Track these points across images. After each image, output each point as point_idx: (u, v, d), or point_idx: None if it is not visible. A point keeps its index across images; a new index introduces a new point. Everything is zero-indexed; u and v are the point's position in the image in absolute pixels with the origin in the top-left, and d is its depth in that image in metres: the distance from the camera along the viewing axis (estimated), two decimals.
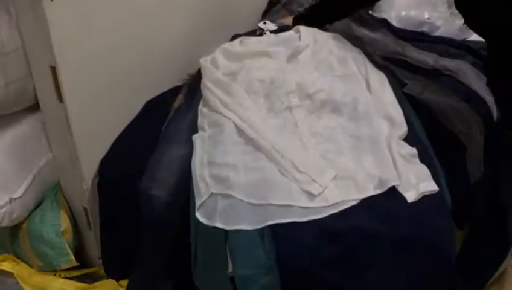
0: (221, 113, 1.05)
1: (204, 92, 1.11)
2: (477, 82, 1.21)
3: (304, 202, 0.88)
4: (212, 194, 0.90)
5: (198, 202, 0.90)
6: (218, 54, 1.18)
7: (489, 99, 1.12)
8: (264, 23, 1.34)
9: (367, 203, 0.87)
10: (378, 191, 0.89)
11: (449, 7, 1.68)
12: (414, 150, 0.97)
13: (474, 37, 1.53)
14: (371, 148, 0.97)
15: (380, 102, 1.06)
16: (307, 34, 1.19)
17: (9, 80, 0.99)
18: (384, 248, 0.85)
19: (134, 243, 1.06)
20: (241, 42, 1.21)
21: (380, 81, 1.11)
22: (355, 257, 0.84)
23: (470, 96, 1.22)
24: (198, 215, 0.89)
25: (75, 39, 0.96)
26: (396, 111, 1.05)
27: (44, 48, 0.94)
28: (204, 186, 0.92)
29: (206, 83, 1.12)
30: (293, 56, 1.15)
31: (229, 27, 1.36)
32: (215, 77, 1.12)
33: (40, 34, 0.93)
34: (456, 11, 1.64)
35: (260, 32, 1.27)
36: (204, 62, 1.17)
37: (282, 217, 0.86)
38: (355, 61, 1.13)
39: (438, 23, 1.59)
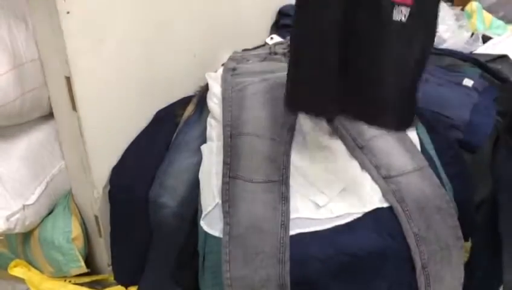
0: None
1: (210, 105, 1.13)
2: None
3: (309, 213, 0.89)
4: (218, 204, 0.91)
5: (204, 212, 0.92)
6: (221, 71, 1.20)
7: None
8: (271, 38, 1.36)
9: (372, 216, 0.88)
10: (384, 205, 0.90)
11: (457, 20, 1.69)
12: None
13: (482, 49, 1.55)
14: None
15: None
16: None
17: (26, 90, 1.01)
18: (391, 260, 0.86)
19: (144, 250, 1.07)
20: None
21: None
22: (362, 268, 0.85)
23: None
24: (203, 224, 0.91)
25: (90, 50, 0.98)
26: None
27: (59, 58, 0.96)
28: (211, 196, 0.93)
29: (212, 97, 1.14)
30: None
31: (240, 39, 1.39)
32: (221, 90, 1.14)
33: (55, 45, 0.95)
34: (464, 24, 1.66)
35: (270, 47, 1.28)
36: (209, 77, 1.20)
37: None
38: None
39: (445, 35, 1.60)
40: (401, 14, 0.80)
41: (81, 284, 1.16)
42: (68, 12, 0.91)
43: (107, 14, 1.00)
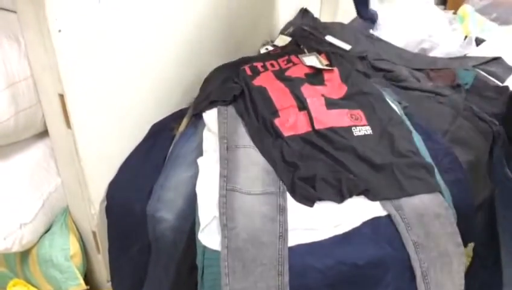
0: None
1: (205, 117, 1.13)
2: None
3: (307, 223, 0.89)
4: (215, 217, 0.91)
5: (201, 225, 0.91)
6: None
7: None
8: (266, 49, 1.37)
9: (371, 225, 0.88)
10: (382, 213, 0.90)
11: (450, 23, 1.70)
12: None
13: (475, 52, 1.55)
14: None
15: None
16: None
17: (20, 109, 1.01)
18: (391, 268, 0.85)
19: (143, 265, 1.07)
20: None
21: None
22: (362, 278, 0.84)
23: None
24: (201, 238, 0.90)
25: (83, 68, 0.98)
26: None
27: (52, 76, 0.96)
28: (208, 210, 0.93)
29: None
30: None
31: (234, 51, 1.39)
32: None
33: (48, 63, 0.95)
34: (457, 27, 1.67)
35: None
36: None
37: None
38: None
39: (439, 40, 1.61)
40: None
41: None
42: (60, 31, 0.91)
43: (99, 31, 1.00)
